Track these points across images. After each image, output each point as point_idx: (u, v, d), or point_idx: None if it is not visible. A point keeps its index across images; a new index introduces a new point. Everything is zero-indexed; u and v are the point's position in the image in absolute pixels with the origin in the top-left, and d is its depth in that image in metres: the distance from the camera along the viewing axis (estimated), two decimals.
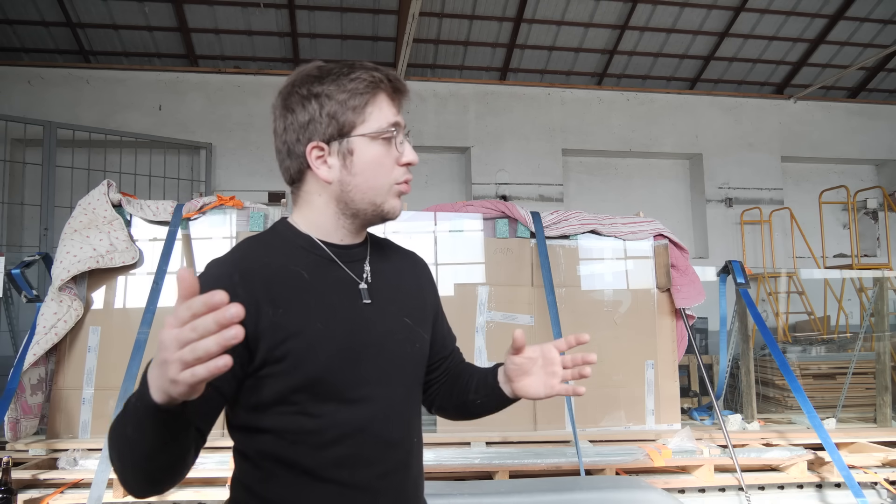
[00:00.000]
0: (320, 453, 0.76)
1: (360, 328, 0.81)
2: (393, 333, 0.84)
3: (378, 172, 0.82)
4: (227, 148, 5.35)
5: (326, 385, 0.77)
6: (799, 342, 4.67)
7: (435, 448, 2.13)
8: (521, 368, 0.87)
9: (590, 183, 6.15)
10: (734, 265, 2.63)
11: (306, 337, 0.77)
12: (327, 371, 0.77)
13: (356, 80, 0.81)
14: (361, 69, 0.82)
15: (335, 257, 0.84)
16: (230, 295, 0.73)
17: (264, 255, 0.81)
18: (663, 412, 2.43)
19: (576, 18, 5.56)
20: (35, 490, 1.91)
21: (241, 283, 0.76)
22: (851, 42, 6.02)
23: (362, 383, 0.79)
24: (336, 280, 0.83)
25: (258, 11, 5.20)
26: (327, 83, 0.81)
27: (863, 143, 6.38)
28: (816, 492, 2.16)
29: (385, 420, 0.81)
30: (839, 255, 6.22)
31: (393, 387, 0.83)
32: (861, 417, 3.06)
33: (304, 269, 0.81)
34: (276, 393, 0.76)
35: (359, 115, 0.81)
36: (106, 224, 2.30)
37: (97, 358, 2.24)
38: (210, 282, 0.78)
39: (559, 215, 2.53)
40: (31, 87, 5.11)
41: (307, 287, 0.80)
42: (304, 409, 0.76)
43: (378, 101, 0.82)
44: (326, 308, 0.80)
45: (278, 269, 0.80)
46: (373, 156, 0.81)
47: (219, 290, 0.53)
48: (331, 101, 0.80)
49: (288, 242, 0.84)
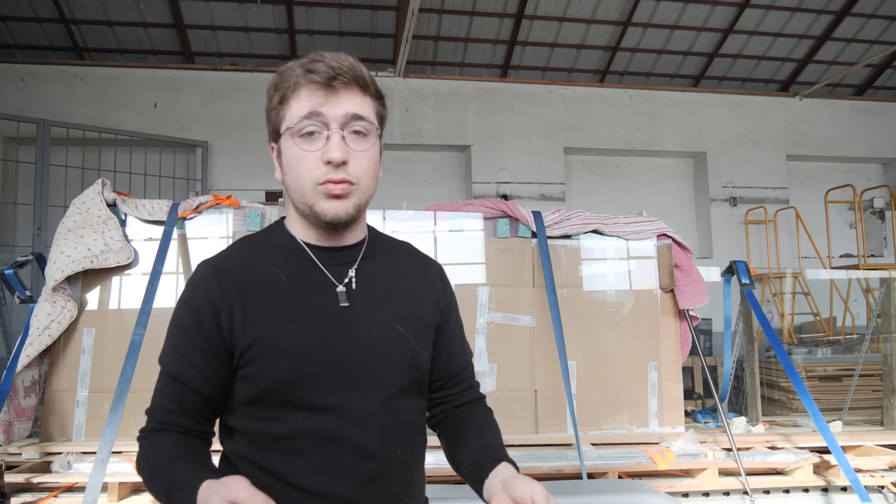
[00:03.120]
0: (291, 460, 0.75)
1: (335, 333, 0.78)
2: (378, 340, 0.80)
3: (298, 171, 0.76)
4: (224, 146, 5.32)
5: (294, 391, 0.76)
6: (804, 343, 4.63)
7: (435, 452, 2.07)
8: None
9: (592, 182, 6.11)
10: (739, 265, 2.60)
11: (274, 341, 0.76)
12: (295, 376, 0.75)
13: (283, 74, 0.78)
14: (296, 62, 0.77)
15: (316, 259, 0.82)
16: (206, 298, 0.77)
17: (246, 257, 0.82)
18: (667, 415, 2.40)
19: (578, 15, 5.51)
20: (29, 494, 1.89)
21: (217, 287, 0.78)
22: (858, 39, 5.96)
23: (334, 390, 0.76)
24: (315, 283, 0.81)
25: (255, 7, 5.17)
26: (273, 82, 0.80)
27: (869, 141, 6.32)
28: (822, 496, 2.14)
29: (359, 429, 0.76)
30: (845, 255, 6.16)
31: (370, 395, 0.78)
32: (868, 420, 3.03)
33: (283, 272, 0.80)
34: (246, 396, 0.78)
35: (280, 111, 0.78)
36: (100, 224, 2.28)
37: (91, 360, 2.22)
38: (191, 285, 0.81)
39: (561, 215, 2.50)
40: (25, 85, 5.09)
41: (283, 290, 0.79)
42: (273, 414, 0.76)
43: (298, 93, 0.76)
44: (299, 312, 0.78)
45: (257, 271, 0.80)
46: (292, 153, 0.77)
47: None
48: (268, 101, 0.80)
49: (273, 244, 0.84)
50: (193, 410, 0.78)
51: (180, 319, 0.79)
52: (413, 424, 0.84)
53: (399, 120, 5.60)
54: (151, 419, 0.79)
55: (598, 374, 2.37)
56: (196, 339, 0.77)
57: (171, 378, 0.78)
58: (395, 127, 5.58)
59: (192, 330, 0.77)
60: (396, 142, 5.58)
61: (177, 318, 0.80)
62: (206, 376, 0.77)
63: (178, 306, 0.80)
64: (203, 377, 0.77)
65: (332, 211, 0.77)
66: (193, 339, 0.77)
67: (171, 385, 0.78)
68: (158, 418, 0.78)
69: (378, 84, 0.82)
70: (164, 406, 0.78)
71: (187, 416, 0.78)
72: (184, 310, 0.79)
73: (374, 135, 0.79)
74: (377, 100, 0.81)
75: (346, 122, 0.76)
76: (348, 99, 0.76)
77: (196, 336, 0.77)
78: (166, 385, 0.79)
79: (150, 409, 0.80)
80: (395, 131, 5.57)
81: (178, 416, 0.78)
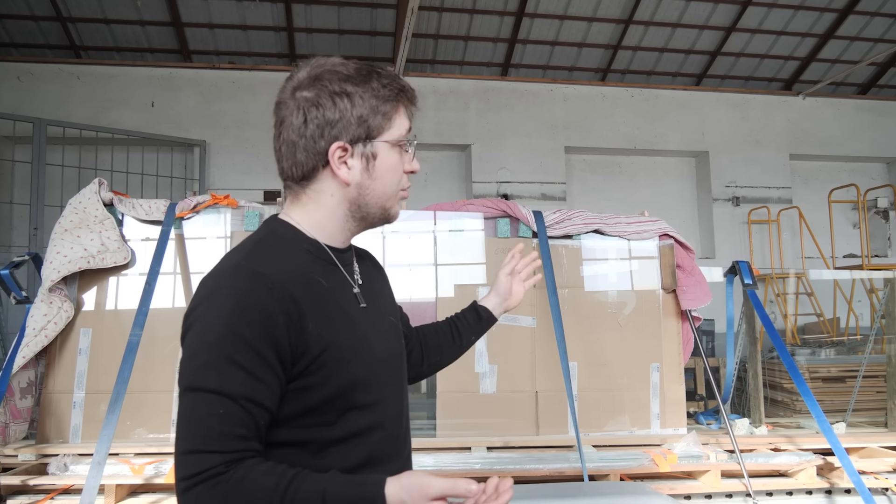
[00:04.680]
0: (347, 458, 0.78)
1: (370, 333, 0.84)
2: (387, 333, 0.89)
3: (393, 178, 0.85)
4: (222, 145, 5.31)
5: (354, 393, 0.79)
6: (808, 344, 4.62)
7: (435, 453, 2.10)
8: (510, 286, 1.11)
9: (593, 181, 6.10)
10: (741, 266, 2.58)
11: (338, 347, 0.78)
12: (356, 379, 0.79)
13: (387, 86, 0.83)
14: (388, 76, 0.84)
15: (338, 262, 0.85)
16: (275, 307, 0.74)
17: (285, 262, 0.78)
18: (669, 416, 2.39)
19: (579, 13, 5.50)
20: (25, 496, 1.88)
21: (282, 295, 0.73)
22: (861, 37, 5.93)
23: (379, 385, 0.83)
24: (342, 285, 0.84)
25: (253, 5, 5.17)
26: (361, 84, 0.81)
27: (873, 140, 6.30)
28: (826, 498, 2.13)
29: (396, 416, 0.86)
30: (849, 255, 6.14)
31: (397, 383, 0.88)
32: (871, 422, 3.02)
33: (322, 277, 0.81)
34: (304, 407, 0.75)
35: (386, 121, 0.83)
36: (97, 223, 2.27)
37: (88, 361, 2.21)
38: (247, 294, 0.72)
39: (562, 214, 2.49)
40: (21, 83, 5.08)
41: (327, 295, 0.80)
42: (329, 419, 0.77)
43: (400, 109, 0.85)
44: (344, 315, 0.81)
45: (300, 277, 0.78)
46: (392, 162, 0.84)
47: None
48: (364, 103, 0.81)
49: (297, 248, 0.81)
50: (263, 432, 0.71)
51: (238, 332, 0.70)
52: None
53: None
54: (218, 453, 0.67)
55: (599, 376, 2.36)
56: (266, 353, 0.70)
57: (242, 400, 0.69)
58: None
59: (259, 344, 0.70)
60: None
61: (230, 331, 0.70)
62: (276, 393, 0.72)
63: (229, 318, 0.71)
64: (274, 394, 0.72)
65: (399, 213, 0.89)
66: (262, 354, 0.70)
67: (242, 408, 0.69)
68: (231, 448, 0.68)
69: None
70: (234, 433, 0.68)
71: (259, 440, 0.71)
72: (241, 322, 0.70)
73: None
74: None
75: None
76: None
77: (265, 350, 0.70)
78: (233, 410, 0.68)
79: (209, 442, 0.67)
80: None
81: (252, 441, 0.70)
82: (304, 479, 0.68)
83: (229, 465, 0.67)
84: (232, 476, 0.67)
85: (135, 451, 2.07)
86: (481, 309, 1.11)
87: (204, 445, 0.67)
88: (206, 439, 0.68)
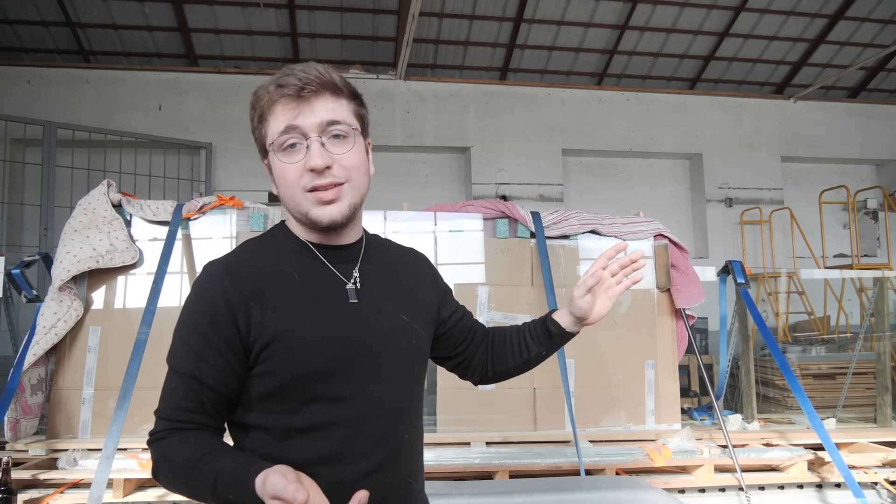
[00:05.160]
0: (309, 450, 0.78)
1: (348, 328, 0.82)
2: (387, 331, 0.85)
3: (286, 183, 0.81)
4: (228, 148, 5.34)
5: (312, 384, 0.79)
6: (799, 342, 4.67)
7: (435, 448, 2.13)
8: (588, 303, 0.93)
9: (590, 183, 6.15)
10: (734, 265, 2.63)
11: (293, 337, 0.78)
12: (314, 370, 0.79)
13: (257, 93, 0.81)
14: (268, 80, 0.81)
15: (324, 259, 0.85)
16: (221, 297, 0.78)
17: (257, 257, 0.84)
18: (663, 412, 2.43)
19: (576, 18, 5.56)
20: (35, 490, 1.91)
21: (232, 285, 0.79)
22: (851, 42, 6.01)
23: (350, 382, 0.80)
24: (325, 281, 0.84)
25: (258, 11, 5.20)
26: (250, 102, 0.83)
27: (863, 143, 6.37)
28: (816, 492, 2.16)
29: (372, 417, 0.81)
30: (839, 255, 6.21)
31: (382, 384, 0.83)
32: (861, 417, 3.06)
33: (295, 271, 0.83)
34: (264, 392, 0.79)
35: (262, 129, 0.82)
36: (106, 224, 2.30)
37: (97, 358, 2.24)
38: (203, 285, 0.81)
39: (559, 215, 2.53)
40: (31, 87, 5.11)
41: (297, 289, 0.82)
42: (292, 407, 0.78)
43: (274, 110, 0.80)
44: (314, 309, 0.81)
45: (270, 272, 0.82)
46: (278, 167, 0.81)
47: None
48: (251, 121, 0.84)
49: (281, 245, 0.86)
50: (210, 408, 0.78)
51: (192, 319, 0.79)
52: (419, 409, 0.90)
53: (400, 122, 5.63)
54: (165, 419, 0.78)
55: (595, 373, 2.40)
56: (211, 337, 0.77)
57: (187, 377, 0.77)
58: (396, 129, 5.61)
59: (206, 329, 0.77)
60: (397, 143, 5.61)
61: (188, 318, 0.79)
62: (223, 373, 0.78)
63: (189, 306, 0.80)
64: (219, 374, 0.77)
65: (327, 216, 0.80)
66: (208, 338, 0.77)
67: (187, 384, 0.77)
68: (174, 417, 0.78)
69: (353, 85, 0.85)
70: (179, 405, 0.78)
71: (204, 414, 0.78)
72: (196, 309, 0.79)
73: (354, 135, 0.82)
74: (353, 100, 0.84)
75: (324, 128, 0.79)
76: (321, 106, 0.79)
77: (211, 335, 0.77)
78: (181, 385, 0.78)
79: (162, 410, 0.79)
80: (396, 133, 5.61)
81: (195, 414, 0.78)
82: (216, 455, 0.73)
83: (171, 432, 0.77)
84: (168, 442, 0.77)
85: (142, 447, 2.09)
86: (551, 323, 0.96)
87: (160, 412, 0.79)
88: (162, 408, 0.80)
